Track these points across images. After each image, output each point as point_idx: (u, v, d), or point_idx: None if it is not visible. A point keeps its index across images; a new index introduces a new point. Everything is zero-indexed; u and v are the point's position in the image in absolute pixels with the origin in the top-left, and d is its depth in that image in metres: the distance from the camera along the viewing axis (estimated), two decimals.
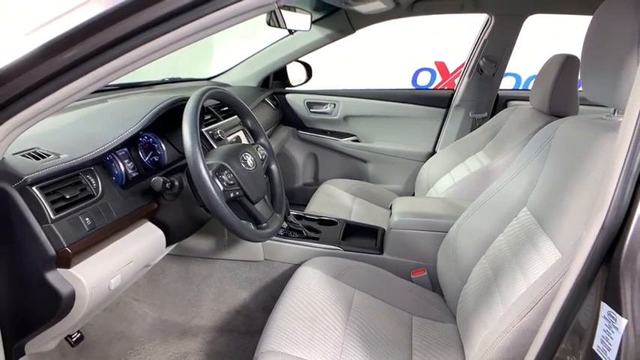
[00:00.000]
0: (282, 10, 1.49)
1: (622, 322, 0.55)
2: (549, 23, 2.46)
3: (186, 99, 1.12)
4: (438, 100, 2.41)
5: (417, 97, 2.46)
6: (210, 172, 1.02)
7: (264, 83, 2.52)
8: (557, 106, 1.59)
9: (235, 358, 1.56)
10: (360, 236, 1.70)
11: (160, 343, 1.56)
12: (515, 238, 1.15)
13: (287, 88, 2.61)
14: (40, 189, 0.83)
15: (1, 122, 0.75)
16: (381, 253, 1.57)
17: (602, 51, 0.86)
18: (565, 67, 1.55)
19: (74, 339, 1.15)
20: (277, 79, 2.58)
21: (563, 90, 1.57)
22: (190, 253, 1.62)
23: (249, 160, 1.17)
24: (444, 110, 2.40)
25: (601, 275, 0.60)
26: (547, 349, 0.65)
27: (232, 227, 1.03)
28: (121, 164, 1.11)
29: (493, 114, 2.22)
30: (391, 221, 1.56)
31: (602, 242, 0.58)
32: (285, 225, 1.64)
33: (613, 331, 0.57)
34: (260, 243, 1.58)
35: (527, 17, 2.07)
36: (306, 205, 2.04)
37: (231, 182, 1.08)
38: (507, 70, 2.25)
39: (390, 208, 1.68)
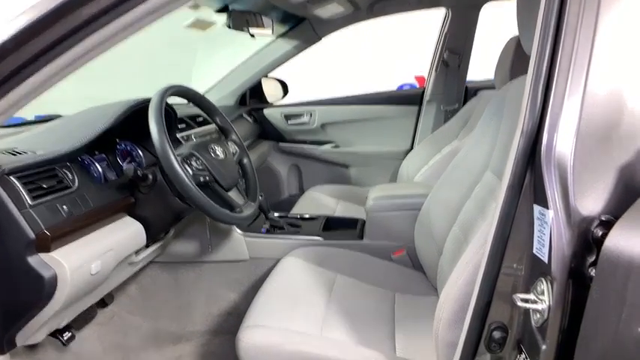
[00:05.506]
0: (244, 15, 1.57)
1: (549, 215, 0.60)
2: None
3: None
4: (410, 98, 2.50)
5: (389, 97, 2.55)
6: (179, 158, 1.08)
7: (242, 101, 2.60)
8: None
9: (229, 357, 1.57)
10: (341, 228, 1.74)
11: (155, 350, 1.58)
12: (481, 199, 1.19)
13: (265, 104, 2.69)
14: (18, 178, 0.89)
15: None
16: (361, 238, 1.62)
17: (526, 12, 0.95)
18: (520, 46, 1.63)
19: (65, 337, 1.18)
20: (254, 97, 2.67)
21: (521, 67, 1.65)
22: (178, 258, 1.65)
23: (218, 150, 1.23)
24: (416, 107, 2.49)
25: (529, 181, 0.65)
26: (492, 263, 0.70)
27: (204, 208, 1.08)
28: (100, 168, 1.16)
29: (464, 104, 2.31)
30: (367, 206, 1.61)
31: (523, 146, 0.63)
32: (267, 224, 1.68)
33: (544, 227, 0.62)
34: (244, 242, 1.62)
35: (481, 6, 2.18)
36: None
37: (200, 167, 1.14)
38: None
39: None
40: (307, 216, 1.83)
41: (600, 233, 0.56)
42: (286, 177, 2.80)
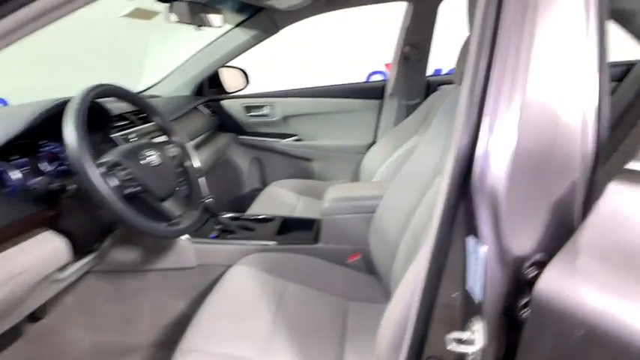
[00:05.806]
0: (188, 5, 1.45)
1: (483, 250, 0.54)
2: None
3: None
4: (372, 92, 2.42)
5: (352, 90, 2.47)
6: (103, 168, 0.97)
7: (199, 92, 2.47)
8: None
9: None
10: (297, 230, 1.67)
11: None
12: (433, 205, 1.14)
13: (223, 95, 2.57)
14: None
15: None
16: (316, 242, 1.55)
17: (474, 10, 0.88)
18: None
19: None
20: (213, 87, 2.54)
21: None
22: (119, 267, 1.54)
23: (152, 156, 1.13)
24: (378, 101, 2.42)
25: (463, 212, 0.59)
26: (427, 293, 0.63)
27: (131, 223, 0.99)
28: (17, 176, 1.04)
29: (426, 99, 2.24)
30: (322, 209, 1.54)
31: (457, 171, 0.56)
32: (217, 229, 1.59)
33: (477, 263, 0.56)
34: (192, 247, 1.53)
35: (440, 1, 2.10)
36: None
37: (128, 178, 1.03)
38: None
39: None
40: (262, 217, 1.74)
41: (532, 274, 0.50)
42: (248, 171, 2.70)
